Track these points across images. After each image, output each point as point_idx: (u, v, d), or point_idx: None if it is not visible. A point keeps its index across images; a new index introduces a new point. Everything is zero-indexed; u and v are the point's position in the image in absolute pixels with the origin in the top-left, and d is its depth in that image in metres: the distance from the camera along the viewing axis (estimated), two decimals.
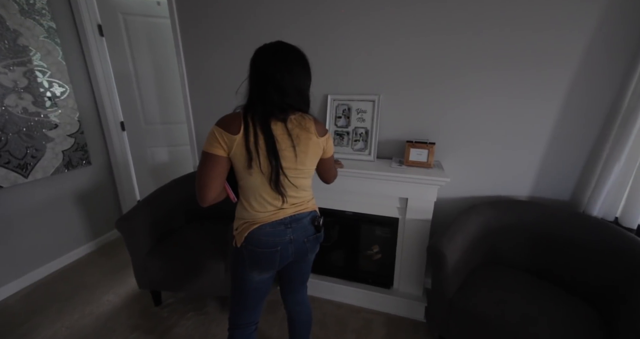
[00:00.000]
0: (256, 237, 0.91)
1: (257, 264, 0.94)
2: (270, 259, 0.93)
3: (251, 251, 0.92)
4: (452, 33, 1.38)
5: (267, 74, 0.83)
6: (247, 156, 0.82)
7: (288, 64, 0.85)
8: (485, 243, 1.37)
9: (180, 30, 1.80)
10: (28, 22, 1.68)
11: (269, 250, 0.92)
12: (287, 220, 0.93)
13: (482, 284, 1.24)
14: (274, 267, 0.96)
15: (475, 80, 1.41)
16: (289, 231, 0.93)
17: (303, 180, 0.94)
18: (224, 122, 0.83)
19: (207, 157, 0.83)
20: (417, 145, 1.48)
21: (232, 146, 0.82)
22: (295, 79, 0.85)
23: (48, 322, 1.53)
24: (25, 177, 1.74)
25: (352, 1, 1.47)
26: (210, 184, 0.84)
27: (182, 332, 1.47)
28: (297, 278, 1.12)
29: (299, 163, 0.89)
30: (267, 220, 0.91)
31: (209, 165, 0.84)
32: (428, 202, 1.41)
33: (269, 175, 0.86)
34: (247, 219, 0.92)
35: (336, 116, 1.66)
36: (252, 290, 0.99)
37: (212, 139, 0.83)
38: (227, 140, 0.81)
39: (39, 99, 1.76)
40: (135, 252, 1.49)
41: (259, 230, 0.90)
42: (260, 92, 0.85)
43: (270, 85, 0.83)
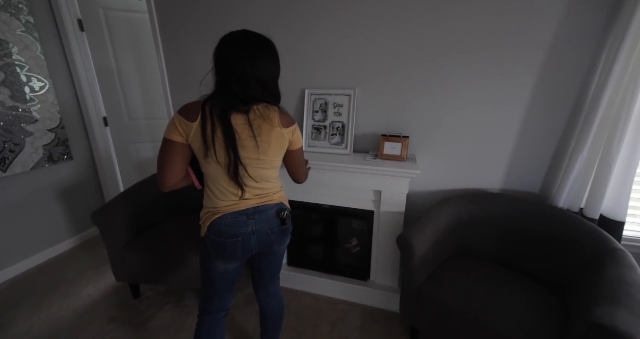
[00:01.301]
0: (217, 227, 0.91)
1: (221, 254, 0.95)
2: (232, 249, 0.93)
3: (213, 241, 0.93)
4: (424, 19, 1.39)
5: (228, 65, 0.82)
6: (203, 145, 0.82)
7: (251, 54, 0.82)
8: (456, 235, 1.39)
9: (158, 25, 1.80)
10: (3, 16, 1.67)
11: (230, 240, 0.92)
12: (250, 211, 0.93)
13: (450, 274, 1.26)
14: (237, 257, 0.96)
15: (448, 75, 1.43)
16: (251, 222, 0.93)
17: (266, 171, 0.93)
18: (184, 109, 0.84)
19: (165, 143, 0.85)
20: (391, 138, 1.50)
21: (189, 132, 0.82)
22: (259, 70, 0.83)
23: (25, 315, 1.54)
24: (4, 172, 1.73)
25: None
26: (168, 169, 0.86)
27: (159, 323, 1.49)
28: (268, 270, 1.12)
29: (261, 153, 0.89)
30: (228, 210, 0.91)
31: (167, 150, 0.85)
32: (400, 194, 1.43)
33: (225, 166, 0.86)
34: (210, 208, 0.93)
35: (313, 110, 1.67)
36: (217, 279, 1.00)
37: (171, 125, 0.84)
38: (185, 127, 0.82)
39: (17, 94, 1.76)
40: (111, 245, 1.49)
41: (220, 220, 0.91)
42: (222, 84, 0.84)
43: (233, 77, 0.82)
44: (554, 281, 1.19)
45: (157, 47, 1.85)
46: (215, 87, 0.87)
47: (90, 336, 1.41)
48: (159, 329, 1.45)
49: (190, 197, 1.44)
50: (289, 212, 1.02)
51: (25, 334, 1.41)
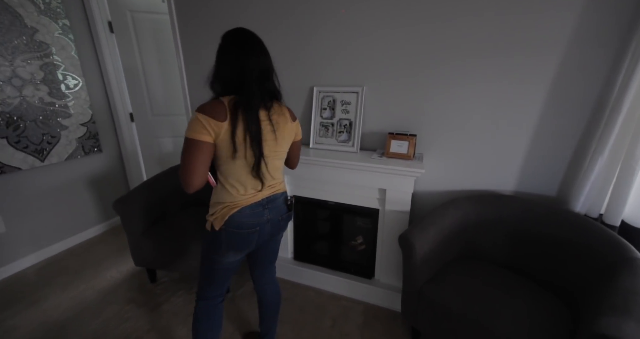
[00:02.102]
0: (237, 220, 0.94)
1: (235, 246, 0.98)
2: (248, 239, 0.98)
3: (231, 233, 0.95)
4: (435, 23, 1.36)
5: (248, 63, 0.85)
6: (232, 144, 0.84)
7: (262, 51, 0.89)
8: (462, 237, 1.35)
9: (178, 26, 1.90)
10: (44, 19, 1.84)
11: (248, 231, 0.96)
12: (264, 201, 0.99)
13: (453, 276, 1.23)
14: (251, 247, 1.02)
15: (459, 73, 1.38)
16: (266, 211, 0.99)
17: (279, 162, 1.01)
18: (207, 110, 0.82)
19: (192, 144, 0.82)
20: (398, 137, 1.48)
21: (219, 132, 0.82)
22: (270, 65, 0.91)
23: (56, 292, 1.70)
24: (42, 161, 1.92)
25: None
26: (196, 171, 0.83)
27: (170, 308, 1.58)
28: (267, 258, 1.17)
29: (278, 146, 0.96)
30: (246, 203, 0.94)
31: (194, 152, 0.82)
32: (405, 193, 1.41)
33: (251, 163, 0.89)
34: (227, 203, 0.94)
35: (321, 108, 1.68)
36: (224, 270, 1.04)
37: (197, 126, 0.81)
38: (215, 127, 0.81)
39: (54, 91, 1.93)
40: (130, 232, 1.61)
41: (240, 213, 0.94)
42: (242, 82, 0.86)
43: (256, 72, 0.86)
44: (563, 288, 1.13)
45: (177, 46, 1.94)
46: (226, 85, 0.88)
47: (111, 315, 1.53)
48: (170, 313, 1.55)
49: (203, 190, 1.51)
50: (292, 198, 1.10)
51: (55, 310, 1.56)
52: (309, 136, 1.72)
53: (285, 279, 1.80)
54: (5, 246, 1.82)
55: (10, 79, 1.71)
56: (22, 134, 1.79)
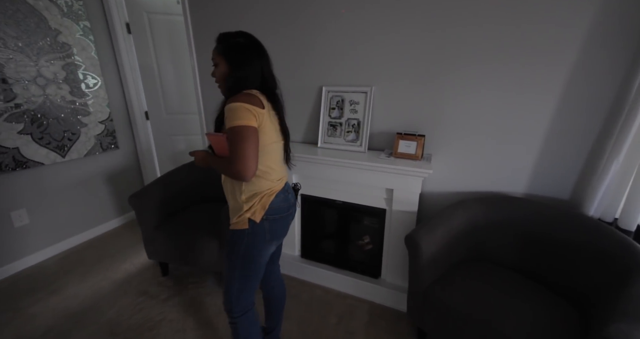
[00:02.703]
0: (276, 206, 0.97)
1: (277, 233, 1.01)
2: (287, 224, 1.04)
3: (273, 221, 0.97)
4: (446, 26, 1.35)
5: (260, 64, 0.96)
6: (273, 128, 0.95)
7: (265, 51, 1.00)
8: (470, 239, 1.34)
9: (192, 27, 1.94)
10: (67, 21, 1.93)
11: (286, 214, 1.02)
12: (286, 187, 1.05)
13: (461, 278, 1.22)
14: (287, 231, 1.07)
15: (469, 73, 1.36)
16: (290, 196, 1.06)
17: None
18: (246, 99, 0.86)
19: (245, 131, 0.83)
20: (406, 137, 1.47)
21: (262, 119, 0.88)
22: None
23: (75, 282, 1.78)
24: (63, 157, 2.01)
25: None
26: (255, 156, 0.86)
27: (181, 301, 1.64)
28: (277, 252, 1.20)
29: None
30: (278, 188, 1.00)
31: (251, 137, 0.84)
32: (413, 193, 1.41)
33: (283, 146, 1.03)
34: (265, 191, 0.96)
35: (330, 107, 1.70)
36: (261, 267, 1.03)
37: (245, 113, 0.83)
38: (258, 114, 0.87)
39: (75, 89, 2.02)
40: (145, 226, 1.67)
41: (277, 198, 0.98)
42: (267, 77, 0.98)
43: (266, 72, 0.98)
44: (574, 293, 1.10)
45: (190, 47, 1.99)
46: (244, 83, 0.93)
47: (124, 305, 1.60)
48: (181, 305, 1.60)
49: (214, 186, 1.55)
50: (298, 184, 1.18)
51: (74, 298, 1.64)
52: (317, 135, 1.74)
53: (292, 276, 1.83)
54: (28, 238, 1.92)
55: (35, 78, 1.80)
56: (45, 131, 1.88)
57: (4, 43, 1.65)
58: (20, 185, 1.84)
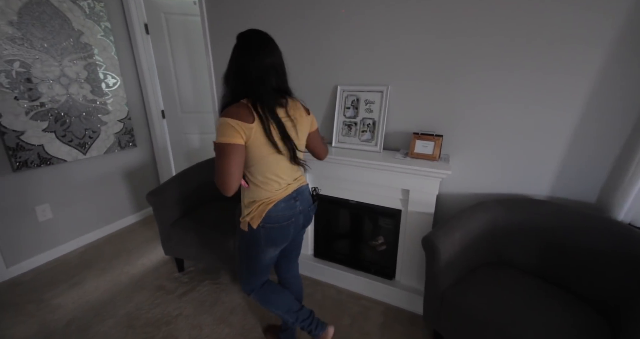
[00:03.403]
0: (274, 214, 0.97)
1: (274, 241, 1.02)
2: (286, 232, 1.02)
3: (269, 229, 0.99)
4: (467, 29, 1.31)
5: (265, 63, 0.88)
6: (269, 141, 0.88)
7: (275, 51, 0.93)
8: (490, 242, 1.30)
9: (208, 26, 1.96)
10: (89, 23, 1.98)
11: (286, 223, 1.00)
12: (295, 193, 1.03)
13: (480, 282, 1.19)
14: (287, 240, 1.06)
15: (490, 76, 1.32)
16: (298, 203, 1.03)
17: (300, 154, 1.04)
18: (234, 113, 0.85)
19: (227, 148, 0.84)
20: (423, 137, 1.45)
21: (250, 134, 0.85)
22: (278, 62, 0.93)
23: (95, 276, 1.84)
24: (84, 154, 2.07)
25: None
26: (235, 173, 0.86)
27: (197, 297, 1.66)
28: (295, 250, 1.23)
29: (299, 139, 1.01)
30: (280, 196, 0.98)
31: (231, 155, 0.84)
32: (430, 195, 1.39)
33: (287, 154, 0.96)
34: (263, 200, 0.97)
35: (345, 107, 1.68)
36: (266, 265, 1.10)
37: (229, 130, 0.83)
38: (246, 129, 0.84)
39: (96, 89, 2.08)
40: (161, 223, 1.70)
41: (276, 207, 0.97)
42: (263, 81, 0.89)
43: (271, 73, 0.90)
44: (603, 300, 1.06)
45: (207, 47, 2.02)
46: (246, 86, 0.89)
47: (142, 299, 1.63)
48: (196, 301, 1.63)
49: None
50: (316, 189, 1.15)
51: (94, 291, 1.70)
52: (332, 134, 1.73)
53: (305, 275, 1.83)
54: (52, 232, 2.00)
55: (59, 78, 1.86)
56: (67, 129, 1.95)
57: (30, 44, 1.71)
58: (44, 181, 1.91)
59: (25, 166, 1.77)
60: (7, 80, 1.64)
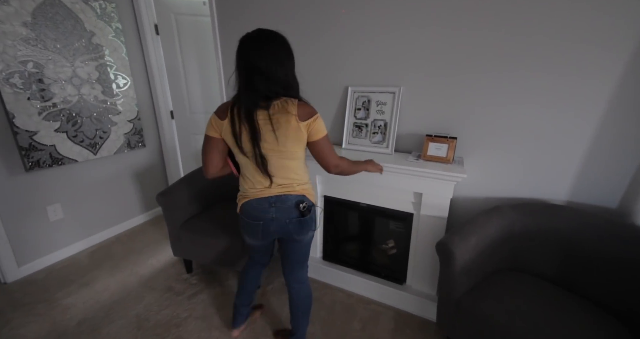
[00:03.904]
0: (245, 209, 1.07)
1: (246, 232, 1.13)
2: (254, 230, 1.09)
3: (242, 220, 1.12)
4: (482, 28, 1.28)
5: (250, 63, 0.88)
6: (233, 140, 0.95)
7: (269, 50, 0.89)
8: (506, 248, 1.27)
9: (218, 27, 1.96)
10: (100, 23, 1.99)
11: (253, 222, 1.07)
12: (272, 199, 1.03)
13: (496, 289, 1.16)
14: (258, 238, 1.11)
15: (509, 75, 1.29)
16: (273, 209, 1.04)
17: (289, 162, 1.00)
18: (218, 109, 0.98)
19: (205, 138, 1.01)
20: (436, 139, 1.42)
21: (220, 129, 0.96)
22: (277, 65, 0.89)
23: (105, 276, 1.85)
24: (95, 155, 2.08)
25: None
26: (208, 161, 1.03)
27: (206, 298, 1.66)
28: (292, 257, 1.20)
29: (281, 145, 0.95)
30: (254, 196, 1.04)
31: (206, 145, 1.01)
32: (443, 198, 1.36)
33: (253, 158, 0.96)
34: (242, 193, 1.09)
35: (355, 108, 1.66)
36: (250, 248, 1.25)
37: (208, 123, 0.99)
38: (218, 124, 0.96)
39: (107, 89, 2.09)
40: (171, 223, 1.70)
41: (248, 203, 1.06)
42: (246, 82, 0.90)
43: (257, 74, 0.88)
44: (627, 310, 1.02)
45: (216, 48, 2.01)
46: (238, 86, 0.94)
47: (152, 301, 1.63)
48: (206, 303, 1.62)
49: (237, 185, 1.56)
50: (309, 205, 1.06)
51: (104, 291, 1.70)
52: (342, 136, 1.71)
53: (313, 278, 1.81)
54: (62, 231, 2.01)
55: (71, 78, 1.88)
56: (79, 129, 1.96)
57: (44, 45, 1.73)
58: (55, 181, 1.93)
59: (38, 166, 1.79)
60: (20, 81, 1.65)
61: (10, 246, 1.75)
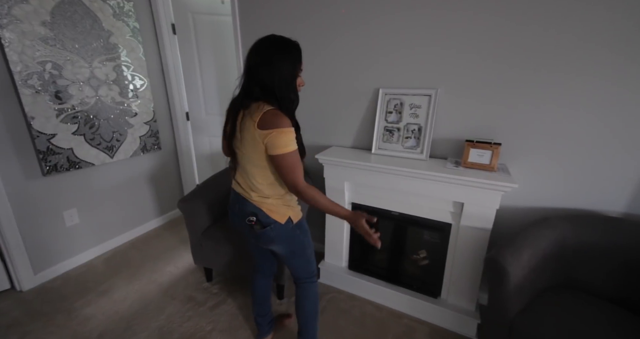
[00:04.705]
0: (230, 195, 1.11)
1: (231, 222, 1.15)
2: (233, 220, 1.12)
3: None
4: (535, 23, 1.19)
5: (245, 62, 0.93)
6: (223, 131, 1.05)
7: (260, 49, 0.90)
8: (558, 263, 1.18)
9: (240, 27, 1.88)
10: (118, 23, 1.93)
11: (230, 210, 1.12)
12: (239, 196, 1.05)
13: (551, 309, 1.07)
14: (236, 227, 1.13)
15: (563, 76, 1.20)
16: (237, 205, 1.06)
17: (250, 167, 0.98)
18: None
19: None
20: (478, 145, 1.33)
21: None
22: (264, 65, 0.88)
23: (122, 284, 1.78)
24: (111, 158, 2.02)
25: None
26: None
27: (229, 310, 1.59)
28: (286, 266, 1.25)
29: (243, 147, 0.97)
30: (232, 185, 1.10)
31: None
32: (489, 209, 1.27)
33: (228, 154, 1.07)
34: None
35: (387, 111, 1.58)
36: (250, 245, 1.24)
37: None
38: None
39: (124, 91, 2.03)
40: (193, 231, 1.63)
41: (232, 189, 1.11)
42: (240, 81, 0.96)
43: (245, 72, 0.93)
44: None
45: (237, 48, 1.94)
46: None
47: (173, 312, 1.57)
48: (229, 315, 1.55)
49: None
50: (256, 221, 1.01)
51: (123, 301, 1.64)
52: (371, 141, 1.63)
53: (339, 289, 1.74)
54: (78, 237, 1.95)
55: (89, 79, 1.82)
56: (96, 132, 1.90)
57: (62, 44, 1.67)
58: (72, 185, 1.87)
59: (55, 170, 1.73)
60: (39, 83, 1.59)
61: (26, 252, 1.70)
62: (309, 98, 1.78)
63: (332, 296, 1.69)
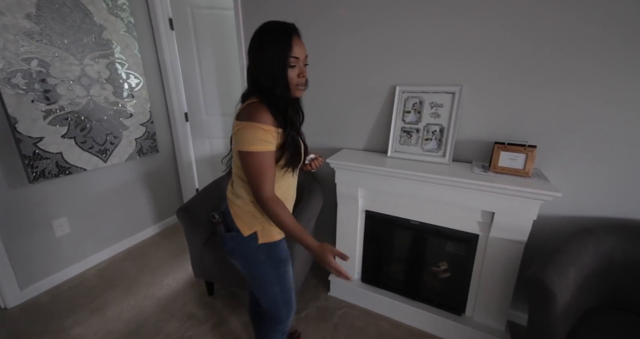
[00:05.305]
0: None
1: None
2: None
3: None
4: (571, 11, 1.06)
5: None
6: None
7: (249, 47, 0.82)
8: (604, 280, 1.05)
9: (243, 21, 1.75)
10: (111, 17, 1.79)
11: None
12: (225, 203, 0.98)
13: (601, 333, 0.94)
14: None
15: (605, 71, 1.07)
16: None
17: (236, 168, 0.89)
18: None
19: None
20: (509, 148, 1.20)
21: None
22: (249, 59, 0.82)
23: (117, 298, 1.65)
24: (105, 162, 1.89)
25: None
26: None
27: (232, 329, 1.45)
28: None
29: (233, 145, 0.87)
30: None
31: None
32: (524, 219, 1.14)
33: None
34: None
35: (404, 111, 1.45)
36: None
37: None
38: None
39: (118, 90, 1.89)
40: (192, 243, 1.50)
41: None
42: None
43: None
44: None
45: (240, 44, 1.81)
46: None
47: (172, 330, 1.43)
48: (232, 335, 1.41)
49: None
50: (222, 221, 0.92)
51: (117, 320, 1.50)
52: (387, 142, 1.50)
53: (352, 303, 1.61)
54: (68, 248, 1.81)
55: (80, 78, 1.68)
56: (88, 135, 1.76)
57: (49, 40, 1.53)
58: (62, 192, 1.73)
59: (43, 177, 1.59)
60: (24, 81, 1.46)
61: (11, 267, 1.56)
62: (318, 97, 1.65)
63: (344, 311, 1.56)
